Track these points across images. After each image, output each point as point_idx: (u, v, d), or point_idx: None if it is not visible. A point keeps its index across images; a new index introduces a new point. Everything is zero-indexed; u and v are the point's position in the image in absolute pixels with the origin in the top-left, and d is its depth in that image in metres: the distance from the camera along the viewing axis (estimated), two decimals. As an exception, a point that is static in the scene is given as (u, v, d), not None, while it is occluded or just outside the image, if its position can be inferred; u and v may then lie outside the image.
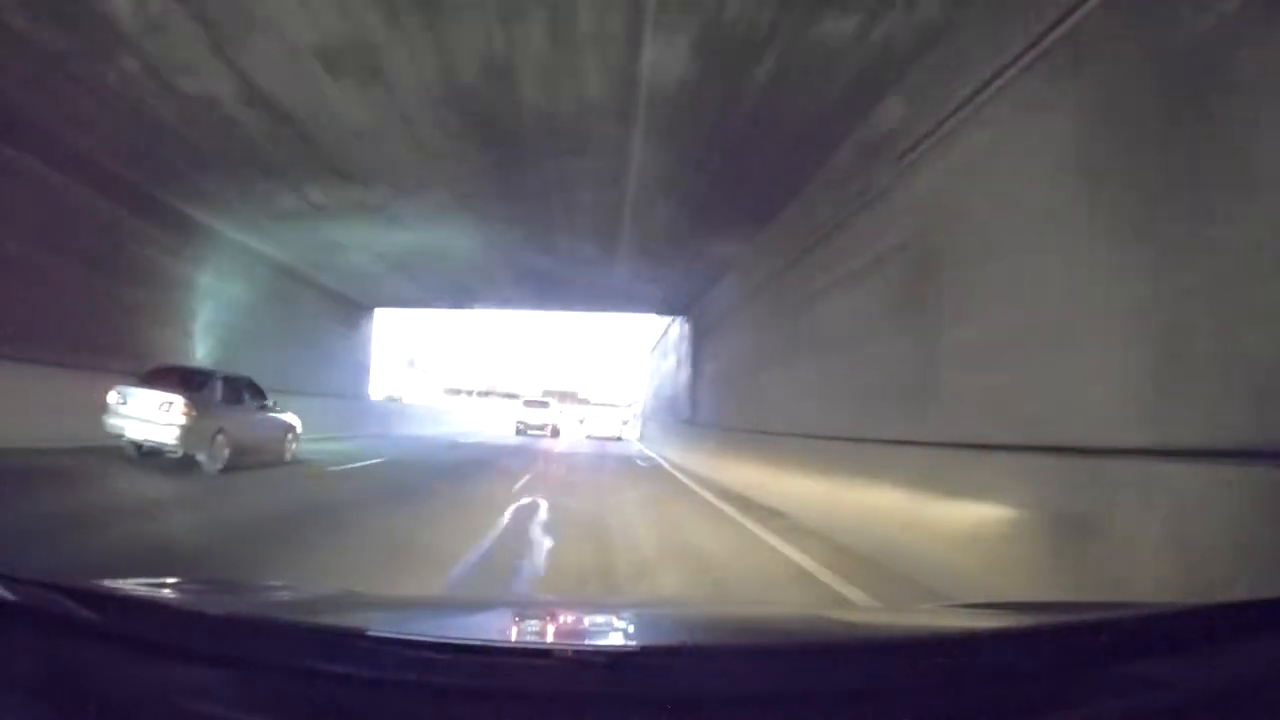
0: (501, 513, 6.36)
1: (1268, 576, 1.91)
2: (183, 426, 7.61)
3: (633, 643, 1.33)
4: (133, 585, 1.30)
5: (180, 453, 7.69)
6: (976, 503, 3.89)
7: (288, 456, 9.83)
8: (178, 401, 7.67)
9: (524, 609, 1.83)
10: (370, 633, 1.01)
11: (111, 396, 7.84)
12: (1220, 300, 2.62)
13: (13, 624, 0.95)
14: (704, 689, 0.91)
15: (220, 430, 8.10)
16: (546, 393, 36.95)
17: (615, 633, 1.49)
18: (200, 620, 1.01)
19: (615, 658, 0.96)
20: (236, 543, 4.59)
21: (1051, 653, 0.99)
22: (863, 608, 3.30)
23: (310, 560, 4.24)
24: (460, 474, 10.57)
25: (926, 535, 4.26)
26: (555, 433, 26.73)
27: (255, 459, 8.73)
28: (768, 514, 7.09)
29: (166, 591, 1.33)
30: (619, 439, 24.97)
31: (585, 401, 50.15)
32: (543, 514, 6.45)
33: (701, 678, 0.93)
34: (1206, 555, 2.36)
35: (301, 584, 1.70)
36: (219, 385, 8.64)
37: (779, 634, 1.41)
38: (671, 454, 16.19)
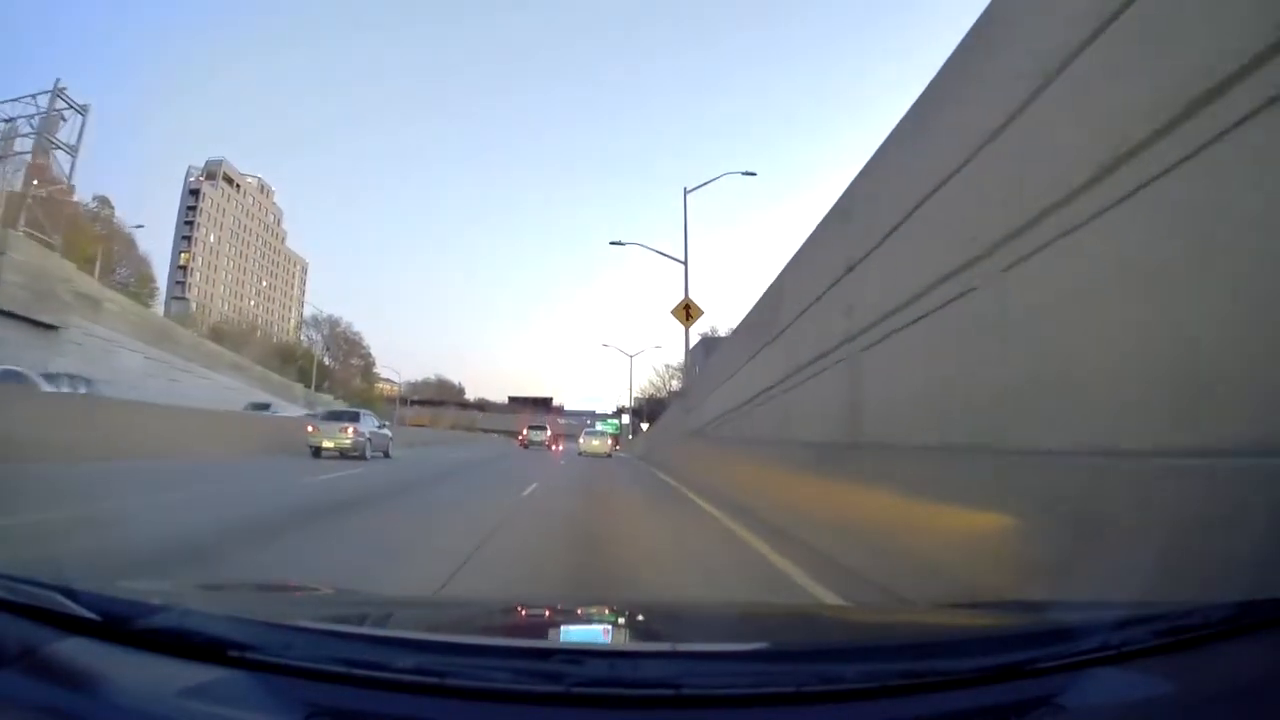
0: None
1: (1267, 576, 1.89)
2: (354, 439, 15.53)
3: (632, 643, 1.38)
4: (132, 586, 1.40)
5: (353, 452, 15.52)
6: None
7: (393, 454, 17.82)
8: (350, 426, 15.57)
9: (524, 609, 1.82)
10: (369, 632, 1.04)
11: (310, 427, 15.69)
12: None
13: (14, 624, 0.99)
14: (704, 689, 0.92)
15: (369, 440, 16.04)
16: (512, 399, 47.60)
17: (615, 633, 1.51)
18: (200, 620, 1.02)
19: (615, 658, 0.98)
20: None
21: (1051, 653, 1.00)
22: (862, 608, 3.24)
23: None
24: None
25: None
26: (551, 444, 37.14)
27: (379, 454, 16.81)
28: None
29: (166, 592, 1.40)
30: (609, 455, 25.00)
31: (560, 409, 56.38)
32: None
33: (701, 678, 0.95)
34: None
35: (301, 583, 1.81)
36: (364, 416, 16.82)
37: (778, 634, 1.45)
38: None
